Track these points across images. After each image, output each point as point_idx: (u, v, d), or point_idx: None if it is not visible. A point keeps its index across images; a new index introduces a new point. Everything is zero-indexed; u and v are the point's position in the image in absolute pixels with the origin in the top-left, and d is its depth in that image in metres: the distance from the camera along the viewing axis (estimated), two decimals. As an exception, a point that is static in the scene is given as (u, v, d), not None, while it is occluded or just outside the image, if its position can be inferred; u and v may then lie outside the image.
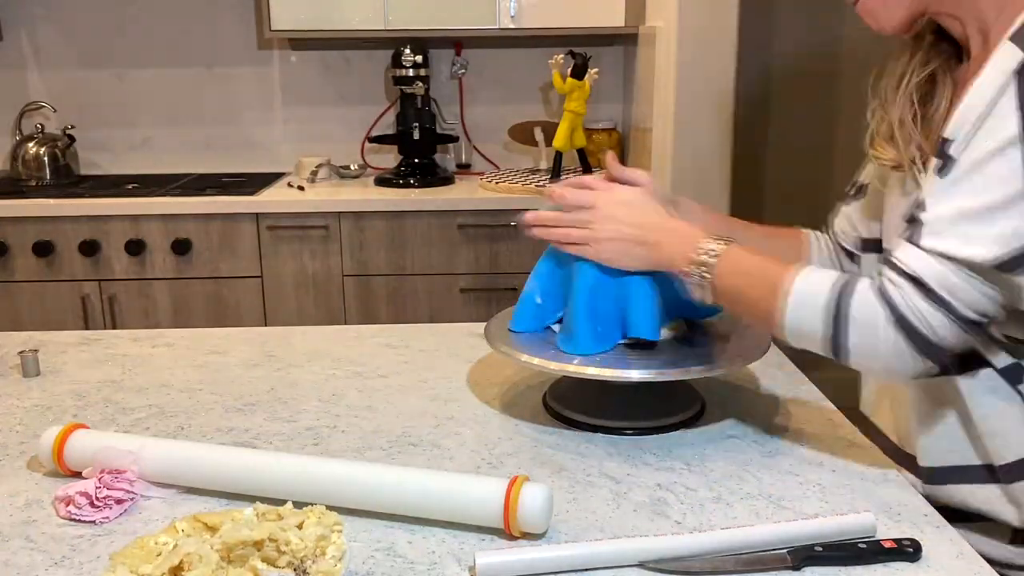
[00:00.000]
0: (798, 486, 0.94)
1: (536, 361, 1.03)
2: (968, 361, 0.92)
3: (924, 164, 0.94)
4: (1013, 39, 0.81)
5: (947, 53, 0.97)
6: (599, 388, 1.10)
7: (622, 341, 1.07)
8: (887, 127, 0.99)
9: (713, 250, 0.96)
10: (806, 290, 0.89)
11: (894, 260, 0.85)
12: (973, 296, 0.81)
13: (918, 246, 0.83)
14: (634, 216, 1.03)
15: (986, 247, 0.79)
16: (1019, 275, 0.80)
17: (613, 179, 1.11)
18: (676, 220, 1.03)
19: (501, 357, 1.08)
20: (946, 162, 0.83)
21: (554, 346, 1.06)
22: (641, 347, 1.06)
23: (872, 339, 0.84)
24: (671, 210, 1.06)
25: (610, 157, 1.15)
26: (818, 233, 1.23)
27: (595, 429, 1.07)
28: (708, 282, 0.96)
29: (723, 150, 2.43)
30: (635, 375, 1.00)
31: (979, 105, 0.81)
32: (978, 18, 0.90)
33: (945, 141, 0.84)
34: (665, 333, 1.08)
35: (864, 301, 0.84)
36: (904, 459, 1.02)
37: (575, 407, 1.10)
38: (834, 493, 0.93)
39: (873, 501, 0.91)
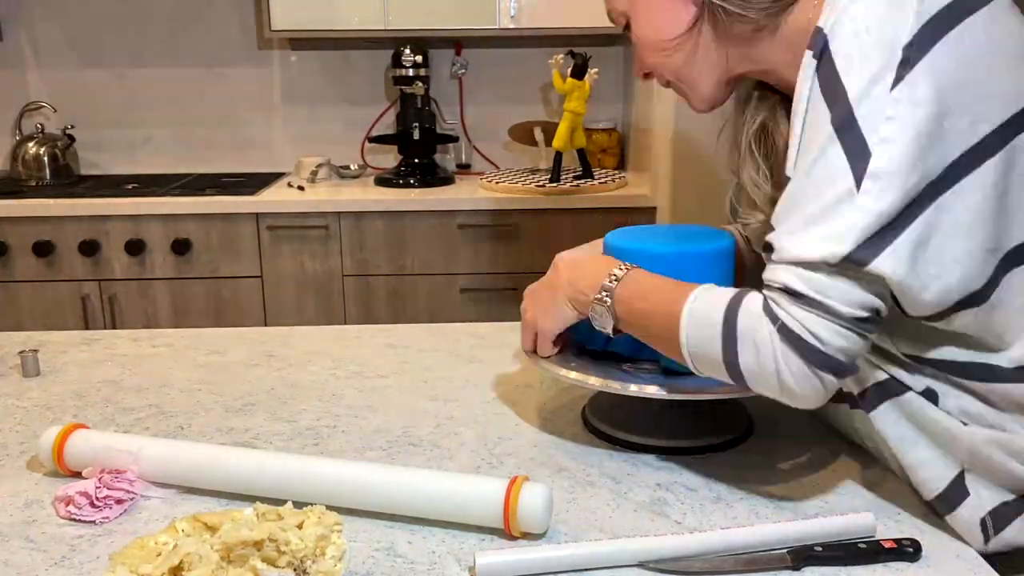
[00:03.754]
0: (798, 486, 0.94)
1: (573, 376, 0.99)
2: (880, 390, 0.87)
3: None
4: (809, 47, 0.80)
5: (773, 101, 0.96)
6: (644, 404, 1.02)
7: None
8: (744, 194, 0.98)
9: (615, 275, 0.93)
10: (702, 309, 0.84)
11: (765, 279, 0.81)
12: (846, 290, 0.76)
13: (775, 262, 0.80)
14: (545, 280, 1.02)
15: (834, 244, 0.75)
16: (873, 267, 0.75)
17: None
18: (585, 257, 1.00)
19: (539, 369, 1.06)
20: (786, 183, 0.82)
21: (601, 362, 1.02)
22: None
23: (760, 356, 0.79)
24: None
25: None
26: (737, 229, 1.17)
27: (640, 448, 1.02)
28: (609, 310, 0.92)
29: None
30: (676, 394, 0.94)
31: (797, 114, 0.80)
32: (783, 63, 0.89)
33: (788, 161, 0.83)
34: None
35: (749, 316, 0.80)
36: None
37: (615, 423, 1.06)
38: (834, 493, 0.93)
39: (873, 501, 0.91)
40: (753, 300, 0.81)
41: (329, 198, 2.58)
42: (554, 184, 2.57)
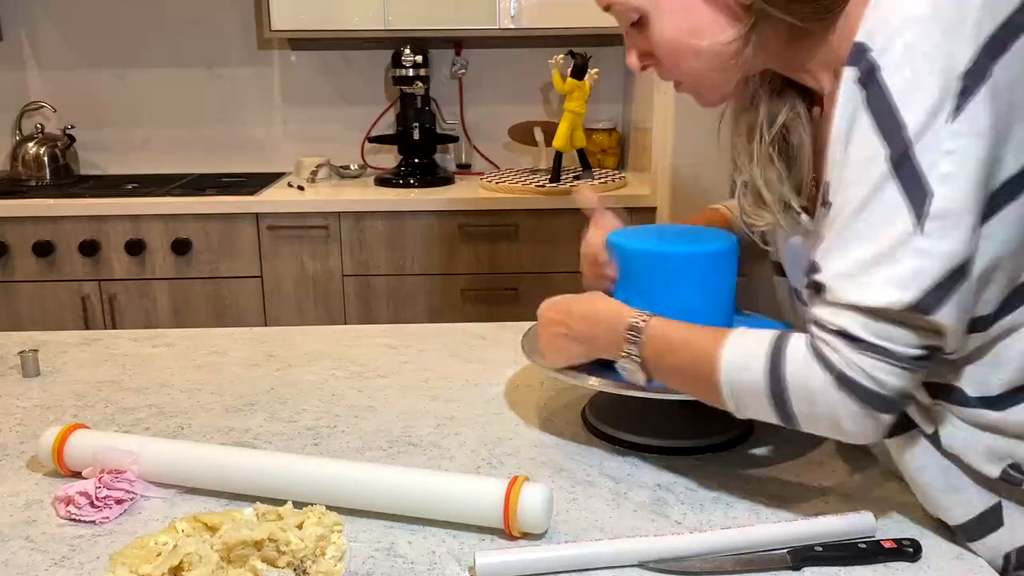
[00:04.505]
0: (798, 486, 0.94)
1: (573, 376, 1.00)
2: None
3: (801, 210, 0.91)
4: (849, 64, 0.76)
5: (792, 98, 0.92)
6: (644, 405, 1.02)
7: None
8: (752, 192, 0.95)
9: (635, 328, 0.91)
10: (740, 362, 0.82)
11: (816, 318, 0.78)
12: (907, 335, 0.73)
13: (829, 303, 0.76)
14: (560, 313, 1.01)
15: (897, 291, 0.72)
16: (937, 316, 0.72)
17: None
18: (603, 302, 0.98)
19: (540, 371, 1.08)
20: (829, 210, 0.78)
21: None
22: None
23: (816, 405, 0.77)
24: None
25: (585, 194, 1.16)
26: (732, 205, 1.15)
27: (641, 448, 1.02)
28: (640, 366, 0.91)
29: (723, 150, 2.43)
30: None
31: (838, 139, 0.77)
32: (818, 65, 0.86)
33: (827, 185, 0.80)
34: None
35: (798, 366, 0.77)
36: None
37: (616, 424, 1.06)
38: (834, 493, 0.93)
39: (873, 501, 0.91)
40: (796, 346, 0.79)
41: (329, 198, 2.58)
42: (554, 184, 2.57)
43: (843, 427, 0.77)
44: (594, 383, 0.98)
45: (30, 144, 2.79)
